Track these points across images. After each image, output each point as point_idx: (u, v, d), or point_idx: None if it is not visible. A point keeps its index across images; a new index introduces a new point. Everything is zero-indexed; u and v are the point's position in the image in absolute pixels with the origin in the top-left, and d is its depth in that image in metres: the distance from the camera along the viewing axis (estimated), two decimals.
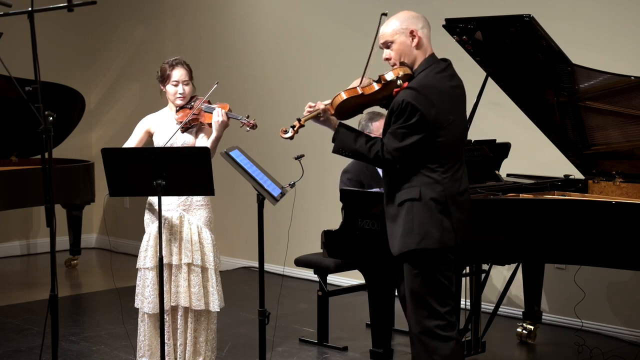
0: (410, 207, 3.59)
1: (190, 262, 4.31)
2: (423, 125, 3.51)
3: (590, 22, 5.52)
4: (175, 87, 4.40)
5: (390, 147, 3.55)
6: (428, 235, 3.57)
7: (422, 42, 3.63)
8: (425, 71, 3.62)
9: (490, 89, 4.82)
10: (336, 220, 4.64)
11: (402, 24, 3.63)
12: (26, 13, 3.27)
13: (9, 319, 5.95)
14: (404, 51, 3.63)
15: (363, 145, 3.62)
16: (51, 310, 3.40)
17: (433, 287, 3.62)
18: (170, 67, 4.41)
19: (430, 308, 3.62)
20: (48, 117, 3.31)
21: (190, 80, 4.44)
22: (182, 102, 4.41)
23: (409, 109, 3.50)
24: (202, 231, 4.38)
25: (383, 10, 3.68)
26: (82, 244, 7.81)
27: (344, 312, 6.07)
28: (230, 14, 7.61)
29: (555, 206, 4.22)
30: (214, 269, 4.38)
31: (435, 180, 3.58)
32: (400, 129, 3.53)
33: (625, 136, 4.64)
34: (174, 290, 4.33)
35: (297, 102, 7.11)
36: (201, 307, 4.32)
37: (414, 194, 3.58)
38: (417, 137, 3.52)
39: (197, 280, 4.33)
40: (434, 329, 3.63)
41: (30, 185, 6.60)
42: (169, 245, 4.32)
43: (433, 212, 3.58)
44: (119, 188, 4.07)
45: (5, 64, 3.40)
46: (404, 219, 3.61)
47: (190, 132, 4.40)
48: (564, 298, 5.66)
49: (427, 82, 3.58)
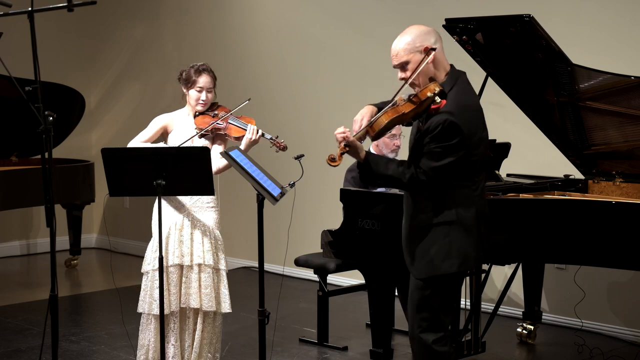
0: (447, 231, 3.49)
1: (201, 262, 4.31)
2: (462, 145, 3.43)
3: (591, 22, 5.52)
4: (199, 93, 4.40)
5: (427, 167, 3.44)
6: (467, 258, 3.52)
7: (438, 58, 3.52)
8: (456, 87, 3.52)
9: (491, 89, 4.82)
10: (336, 220, 4.64)
11: (416, 42, 3.50)
12: (26, 13, 3.27)
13: (9, 319, 5.95)
14: (424, 71, 3.51)
15: (396, 170, 3.49)
16: (51, 310, 3.39)
17: (444, 301, 3.57)
18: (196, 72, 4.41)
19: (433, 319, 3.57)
20: (48, 117, 3.31)
21: (213, 88, 4.45)
22: (202, 109, 4.43)
23: (451, 129, 3.40)
24: (214, 232, 4.39)
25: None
26: (82, 244, 7.80)
27: (344, 312, 6.07)
28: (230, 14, 7.61)
29: (555, 206, 4.22)
30: (225, 270, 4.40)
31: (469, 199, 3.51)
32: (437, 148, 3.42)
33: (625, 136, 4.64)
34: (184, 291, 4.31)
35: (297, 102, 7.14)
36: (212, 309, 4.32)
37: (450, 216, 3.49)
38: (455, 156, 3.43)
39: (209, 282, 4.32)
40: (431, 345, 3.57)
41: (30, 185, 6.60)
42: (180, 246, 4.32)
43: (471, 233, 3.52)
44: (119, 188, 4.07)
45: (5, 64, 3.40)
46: (439, 242, 3.50)
47: (207, 138, 4.40)
48: (564, 298, 5.66)
49: (465, 102, 3.51)
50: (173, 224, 4.35)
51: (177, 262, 4.30)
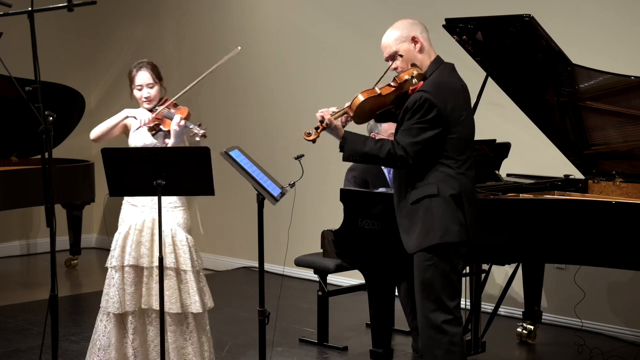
0: (429, 204, 3.64)
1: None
2: (439, 121, 3.58)
3: (591, 22, 5.52)
4: (140, 92, 4.36)
5: (404, 143, 3.59)
6: (449, 230, 3.63)
7: (424, 46, 3.73)
8: (437, 71, 3.70)
9: (491, 89, 4.82)
10: (336, 220, 4.64)
11: (403, 32, 3.73)
12: (26, 13, 3.27)
13: (9, 319, 5.95)
14: (410, 58, 3.72)
15: (373, 147, 3.64)
16: (51, 310, 3.39)
17: (444, 279, 3.67)
18: (134, 69, 4.36)
19: (439, 301, 3.67)
20: (48, 117, 3.31)
21: (156, 83, 4.38)
22: (149, 106, 4.37)
23: (426, 105, 3.56)
24: (176, 233, 4.33)
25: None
26: (82, 244, 7.81)
27: (344, 312, 6.07)
28: (230, 14, 7.61)
29: (555, 206, 4.22)
30: (192, 271, 4.30)
31: (451, 176, 3.64)
32: (415, 124, 3.58)
33: (625, 136, 4.64)
34: (145, 292, 4.28)
35: (297, 101, 7.13)
36: (176, 310, 4.25)
37: (431, 190, 3.63)
38: (432, 132, 3.58)
39: (170, 283, 4.27)
40: (441, 324, 3.67)
41: (30, 185, 6.60)
42: (138, 247, 4.29)
43: (451, 207, 3.64)
44: (119, 188, 4.07)
45: (5, 64, 3.40)
46: (423, 217, 3.65)
47: (157, 136, 4.36)
48: (564, 298, 5.66)
49: (442, 80, 3.67)
50: (133, 224, 4.33)
51: (132, 263, 4.27)
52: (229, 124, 7.53)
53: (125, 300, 4.27)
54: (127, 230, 4.33)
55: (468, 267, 4.82)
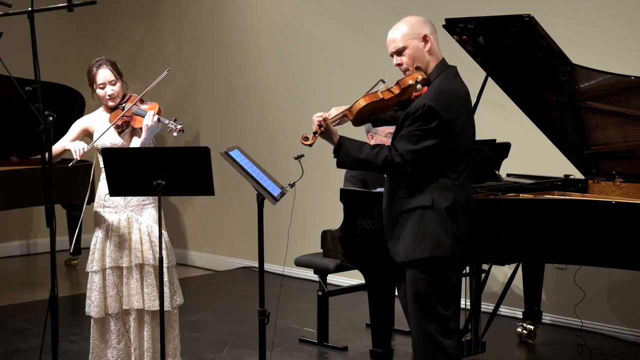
0: (422, 215, 3.52)
1: (141, 262, 4.25)
2: (441, 131, 3.45)
3: (591, 22, 5.52)
4: (103, 90, 4.32)
5: (403, 149, 3.47)
6: (440, 244, 3.52)
7: (433, 47, 3.59)
8: (441, 76, 3.56)
9: (491, 89, 4.82)
10: (336, 220, 4.64)
11: (414, 29, 3.57)
12: (26, 13, 3.27)
13: (9, 319, 5.95)
14: (417, 56, 3.57)
15: (369, 153, 3.51)
16: (51, 310, 3.39)
17: (437, 291, 3.57)
18: (94, 68, 4.33)
19: (433, 311, 3.58)
20: (48, 117, 3.31)
21: (117, 79, 4.33)
22: (113, 103, 4.33)
23: (430, 112, 3.43)
24: (152, 230, 4.32)
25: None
26: (82, 244, 7.80)
27: (344, 312, 6.07)
28: (230, 14, 7.61)
29: (555, 206, 4.22)
30: (167, 266, 4.26)
31: (447, 187, 3.52)
32: (416, 131, 3.45)
33: (625, 136, 4.64)
34: (125, 293, 4.27)
35: (297, 101, 7.13)
36: (155, 308, 4.23)
37: (425, 201, 3.52)
38: (432, 141, 3.45)
39: (150, 281, 4.27)
40: (434, 336, 3.59)
41: (30, 185, 6.60)
42: (117, 248, 4.27)
43: (444, 220, 3.52)
44: (119, 188, 4.07)
45: (5, 64, 3.40)
46: (414, 227, 3.54)
47: (123, 134, 4.33)
48: (564, 298, 5.66)
49: (447, 87, 3.53)
50: (110, 226, 4.31)
51: (112, 265, 4.26)
52: (228, 124, 7.53)
53: (107, 303, 4.27)
54: (105, 233, 4.31)
55: (468, 267, 4.82)
